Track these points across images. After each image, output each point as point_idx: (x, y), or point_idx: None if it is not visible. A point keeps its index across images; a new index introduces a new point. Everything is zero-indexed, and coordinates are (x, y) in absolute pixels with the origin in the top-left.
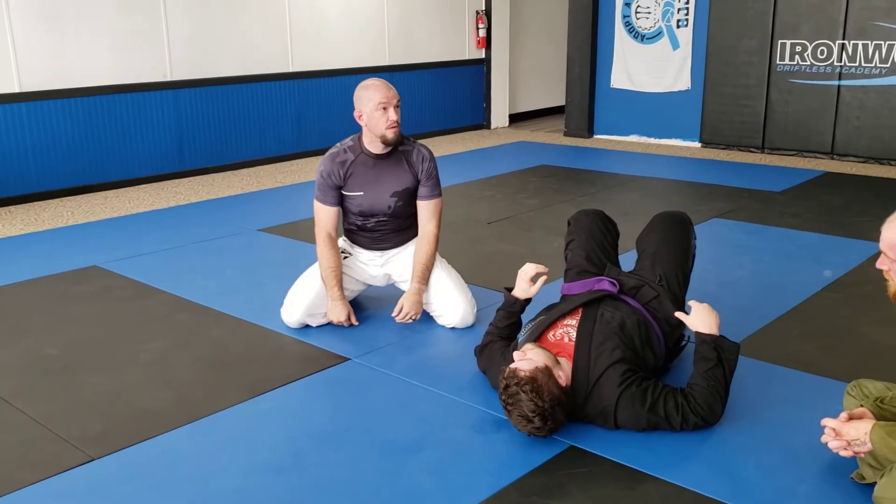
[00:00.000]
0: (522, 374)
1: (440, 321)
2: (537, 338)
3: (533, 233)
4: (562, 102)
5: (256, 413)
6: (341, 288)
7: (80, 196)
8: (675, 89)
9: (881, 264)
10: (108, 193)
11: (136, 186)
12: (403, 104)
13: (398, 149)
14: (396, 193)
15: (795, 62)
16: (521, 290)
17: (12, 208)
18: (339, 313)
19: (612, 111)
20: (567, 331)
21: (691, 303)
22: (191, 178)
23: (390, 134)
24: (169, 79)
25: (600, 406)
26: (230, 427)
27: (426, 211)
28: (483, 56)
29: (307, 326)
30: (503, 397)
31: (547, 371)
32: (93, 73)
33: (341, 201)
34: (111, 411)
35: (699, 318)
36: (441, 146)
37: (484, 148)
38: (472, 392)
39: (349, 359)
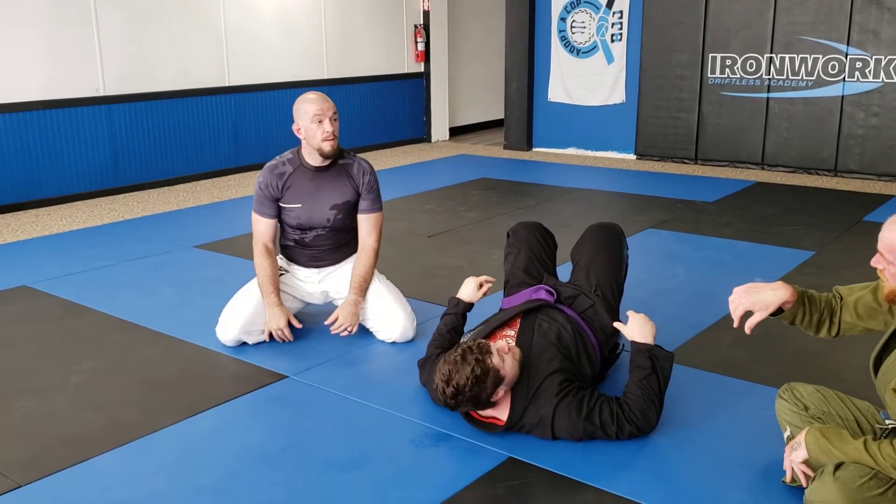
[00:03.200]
0: (489, 365)
1: (379, 336)
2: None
3: (474, 246)
4: (501, 116)
5: (192, 434)
6: (279, 295)
7: (10, 214)
8: (611, 102)
9: (876, 263)
10: (40, 211)
11: (70, 203)
12: (343, 118)
13: (338, 162)
14: (336, 206)
15: (726, 75)
16: (467, 293)
17: None
18: (277, 319)
19: (549, 124)
20: (507, 341)
21: (628, 313)
22: (126, 195)
23: (326, 146)
24: (102, 94)
25: (537, 416)
26: (164, 449)
27: (366, 224)
28: (422, 70)
29: (244, 344)
30: (453, 356)
31: (499, 377)
32: (23, 88)
33: (279, 214)
34: (40, 436)
35: (635, 328)
36: (382, 160)
37: (424, 161)
38: (411, 407)
39: (287, 376)
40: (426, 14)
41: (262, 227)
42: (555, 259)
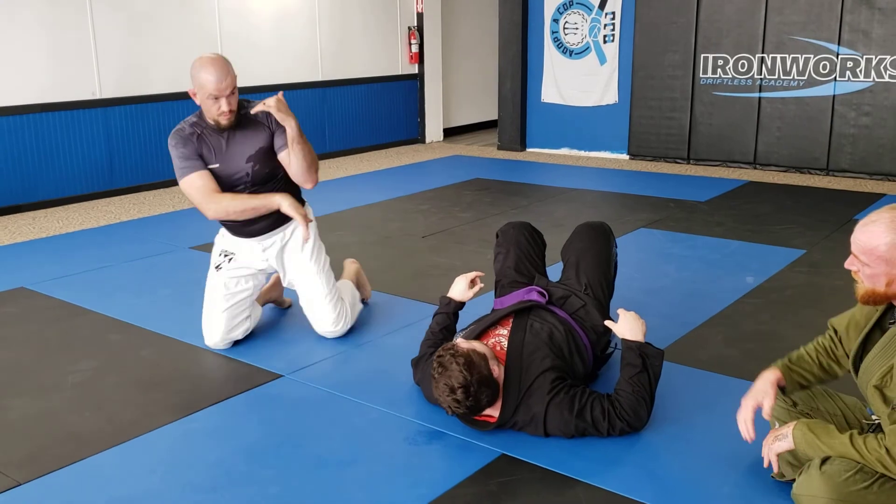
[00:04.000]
0: (460, 349)
1: (316, 328)
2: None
3: (468, 246)
4: (494, 117)
5: (187, 433)
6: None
7: (7, 216)
8: (604, 103)
9: (850, 265)
10: (37, 213)
11: (66, 206)
12: (337, 119)
13: (240, 114)
14: (251, 157)
15: (718, 75)
16: (458, 292)
17: None
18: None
19: (543, 125)
20: (499, 339)
21: (619, 311)
22: (122, 197)
23: (223, 120)
24: (98, 97)
25: (529, 414)
26: (161, 448)
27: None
28: (416, 71)
29: (235, 343)
30: (434, 366)
31: (483, 356)
32: (20, 91)
33: None
34: (37, 435)
35: (626, 326)
36: (376, 161)
37: (419, 162)
38: (404, 405)
39: (282, 375)
40: (420, 16)
41: (200, 181)
42: (544, 258)
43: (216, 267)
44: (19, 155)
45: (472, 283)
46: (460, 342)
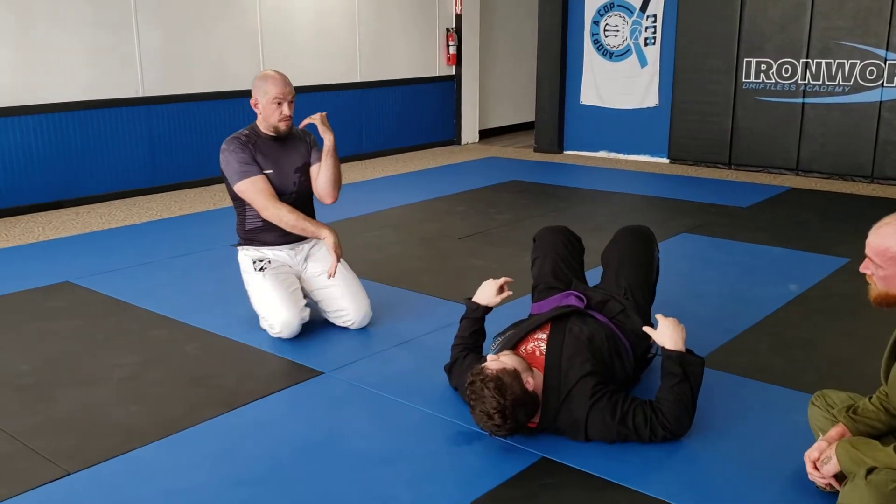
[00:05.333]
0: (489, 372)
1: (340, 321)
2: (511, 350)
3: (504, 248)
4: (531, 118)
5: (231, 427)
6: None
7: (52, 212)
8: (644, 106)
9: (864, 268)
10: (81, 209)
11: (109, 202)
12: (374, 120)
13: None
14: (298, 169)
15: (760, 80)
16: (485, 296)
17: None
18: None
19: (581, 127)
20: (538, 344)
21: (658, 317)
22: (163, 194)
23: (282, 126)
24: (141, 94)
25: (571, 419)
26: (205, 441)
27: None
28: (453, 73)
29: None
30: (468, 393)
31: (514, 373)
32: (65, 88)
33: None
34: (85, 426)
35: (666, 334)
36: (412, 162)
37: (455, 164)
38: (444, 405)
39: (323, 372)
40: (458, 17)
41: (263, 183)
42: (582, 262)
43: (259, 269)
44: (63, 151)
45: (501, 288)
46: (490, 362)
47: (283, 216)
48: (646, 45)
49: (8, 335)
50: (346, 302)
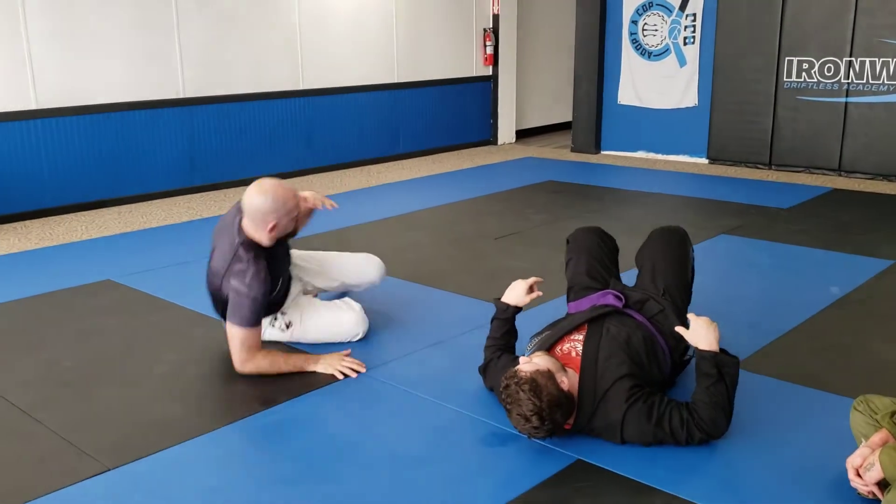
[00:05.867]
0: (523, 374)
1: (359, 287)
2: (545, 352)
3: (540, 248)
4: (569, 118)
5: (268, 426)
6: (296, 352)
7: (94, 211)
8: (683, 106)
9: None
10: (122, 208)
11: (149, 202)
12: (411, 121)
13: None
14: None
15: (802, 79)
16: (515, 297)
17: (28, 223)
18: (334, 359)
19: (619, 127)
20: (574, 345)
21: (690, 316)
22: (202, 194)
23: (292, 225)
24: (181, 96)
25: (606, 421)
26: (243, 439)
27: None
28: (490, 73)
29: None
30: (503, 396)
31: (548, 374)
32: (107, 89)
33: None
34: (126, 422)
35: (700, 334)
36: (448, 162)
37: (491, 164)
38: (479, 405)
39: (361, 372)
40: (496, 17)
41: (257, 337)
42: (617, 263)
43: (286, 325)
44: (105, 151)
45: (531, 288)
46: (523, 364)
47: (270, 366)
48: (685, 44)
49: (51, 332)
50: (352, 258)
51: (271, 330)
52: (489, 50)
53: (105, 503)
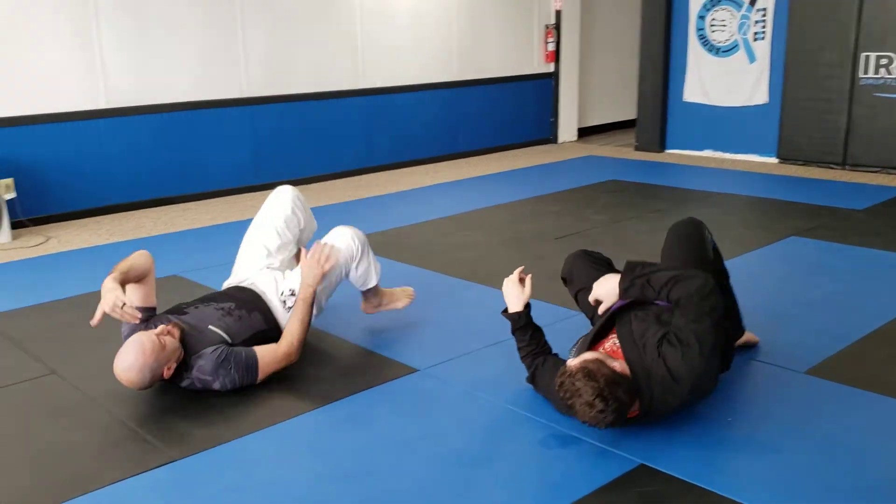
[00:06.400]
0: (572, 366)
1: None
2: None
3: (602, 249)
4: (632, 116)
5: (327, 421)
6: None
7: (161, 208)
8: (752, 103)
9: None
10: (187, 205)
11: (213, 199)
12: (469, 119)
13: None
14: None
15: (880, 76)
16: (516, 300)
17: (99, 218)
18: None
19: (684, 125)
20: (613, 341)
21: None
22: (264, 192)
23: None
24: (245, 95)
25: (662, 385)
26: (303, 434)
27: None
28: (552, 70)
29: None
30: (561, 395)
31: (597, 360)
32: (174, 89)
33: None
34: (192, 414)
35: (599, 287)
36: (507, 161)
37: (551, 163)
38: (539, 407)
39: (417, 370)
40: (558, 14)
41: (267, 353)
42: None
43: (292, 293)
44: (172, 150)
45: (521, 281)
46: (570, 362)
47: (294, 348)
48: (755, 39)
49: (119, 325)
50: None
51: (285, 312)
52: (550, 47)
53: (170, 492)
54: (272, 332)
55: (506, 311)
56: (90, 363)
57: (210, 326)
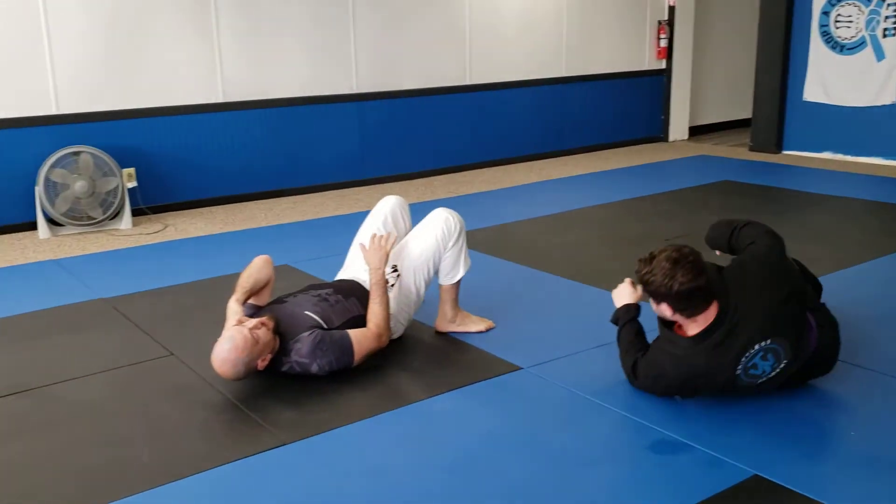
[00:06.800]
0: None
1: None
2: None
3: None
4: (747, 115)
5: (432, 413)
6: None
7: (273, 199)
8: (879, 103)
9: None
10: (297, 198)
11: (322, 192)
12: (578, 115)
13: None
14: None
15: None
16: (628, 296)
17: (213, 208)
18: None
19: (803, 125)
20: None
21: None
22: (371, 186)
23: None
24: (355, 91)
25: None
26: (409, 424)
27: None
28: (663, 67)
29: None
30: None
31: None
32: (287, 85)
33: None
34: (302, 400)
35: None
36: (615, 159)
37: (661, 161)
38: (648, 411)
39: (521, 368)
40: (671, 9)
41: (360, 336)
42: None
43: (394, 269)
44: (283, 143)
45: (633, 285)
46: None
47: (381, 328)
48: (884, 36)
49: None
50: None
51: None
52: (663, 43)
53: (281, 474)
54: None
55: (619, 310)
56: (206, 346)
57: (306, 312)
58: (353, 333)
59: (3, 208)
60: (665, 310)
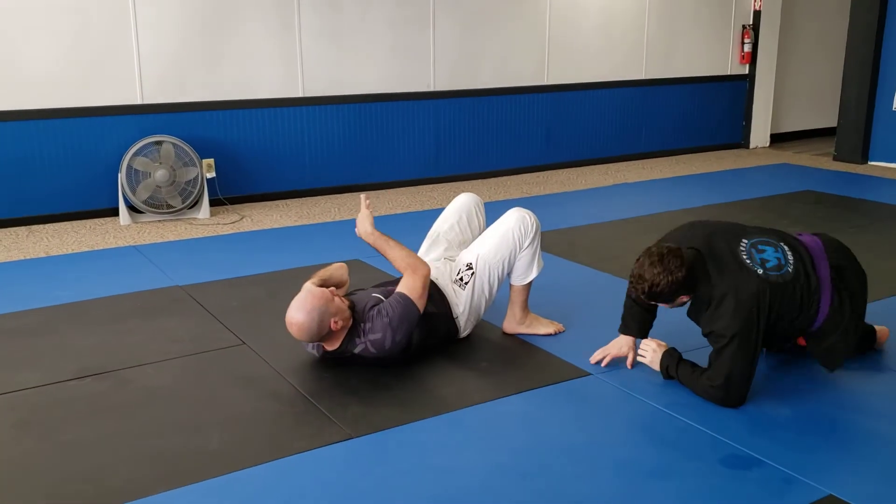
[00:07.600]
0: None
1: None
2: None
3: None
4: (831, 124)
5: (499, 415)
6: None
7: (346, 194)
8: None
9: None
10: (370, 193)
11: (396, 189)
12: (657, 119)
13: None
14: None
15: None
16: (659, 350)
17: (288, 201)
18: None
19: (892, 136)
20: None
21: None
22: (445, 184)
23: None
24: (432, 89)
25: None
26: (476, 425)
27: None
28: (746, 72)
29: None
30: (647, 291)
31: None
32: (365, 82)
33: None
34: (369, 395)
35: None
36: (694, 164)
37: (741, 168)
38: (719, 424)
39: (590, 374)
40: (756, 14)
41: (416, 281)
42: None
43: (469, 269)
44: (359, 139)
45: (652, 341)
46: None
47: (413, 266)
48: None
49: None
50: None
51: (460, 290)
52: (747, 48)
53: (345, 468)
54: (440, 313)
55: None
56: (277, 337)
57: (373, 294)
58: (398, 288)
59: (88, 194)
60: (682, 298)
